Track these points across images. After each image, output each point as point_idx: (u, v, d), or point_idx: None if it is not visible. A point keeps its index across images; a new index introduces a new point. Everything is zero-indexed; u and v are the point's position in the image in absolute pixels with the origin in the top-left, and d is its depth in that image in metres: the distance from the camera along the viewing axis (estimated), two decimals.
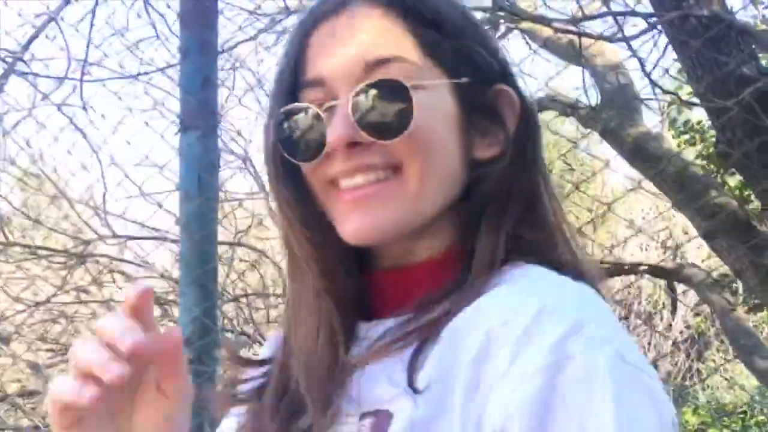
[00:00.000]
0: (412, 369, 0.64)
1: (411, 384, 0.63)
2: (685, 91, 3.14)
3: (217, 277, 1.72)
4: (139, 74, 2.05)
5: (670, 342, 6.80)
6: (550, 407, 0.55)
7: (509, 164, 0.73)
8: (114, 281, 3.46)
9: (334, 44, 0.72)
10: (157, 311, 4.23)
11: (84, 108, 2.23)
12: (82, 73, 2.13)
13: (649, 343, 6.67)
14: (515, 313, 0.61)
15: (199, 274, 1.65)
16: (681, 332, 7.00)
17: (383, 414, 0.64)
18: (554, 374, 0.56)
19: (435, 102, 0.71)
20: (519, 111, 0.75)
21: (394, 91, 0.69)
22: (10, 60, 2.56)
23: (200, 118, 1.71)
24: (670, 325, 7.05)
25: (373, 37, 0.71)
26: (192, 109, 1.71)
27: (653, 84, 2.47)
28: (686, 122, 4.23)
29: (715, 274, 3.46)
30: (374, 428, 0.64)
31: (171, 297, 3.95)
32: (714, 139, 4.03)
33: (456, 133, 0.72)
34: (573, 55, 3.00)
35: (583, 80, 2.92)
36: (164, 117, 2.53)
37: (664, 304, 7.03)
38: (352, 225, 0.70)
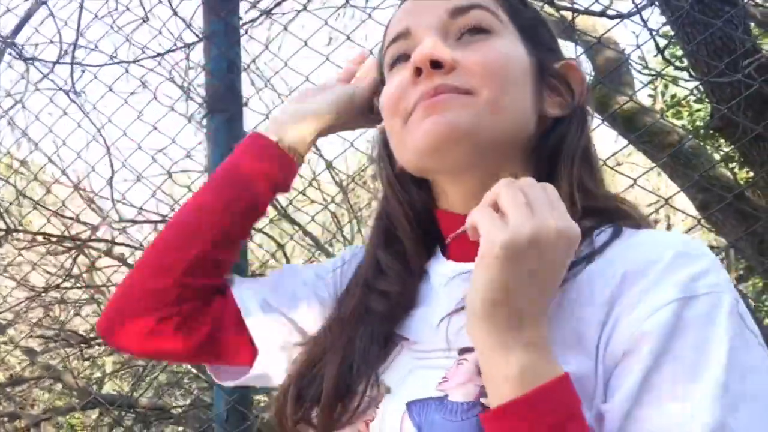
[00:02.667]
0: None
1: None
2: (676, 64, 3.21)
3: (246, 254, 1.77)
4: (161, 54, 2.06)
5: None
6: (675, 333, 0.62)
7: (575, 127, 0.79)
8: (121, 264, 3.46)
9: (418, 1, 0.80)
10: None
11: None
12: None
13: None
14: (652, 262, 0.67)
15: None
16: None
17: None
18: (682, 308, 0.63)
19: (512, 50, 0.77)
20: (583, 84, 0.83)
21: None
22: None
23: (226, 102, 1.74)
24: None
25: None
26: (218, 93, 1.74)
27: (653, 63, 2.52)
28: (673, 96, 4.32)
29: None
30: None
31: None
32: (700, 113, 4.12)
33: (529, 81, 0.78)
34: (564, 30, 3.06)
35: (576, 55, 2.99)
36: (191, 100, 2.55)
37: None
38: (426, 126, 0.74)
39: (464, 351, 0.70)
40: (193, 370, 4.28)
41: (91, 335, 4.16)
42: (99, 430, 5.38)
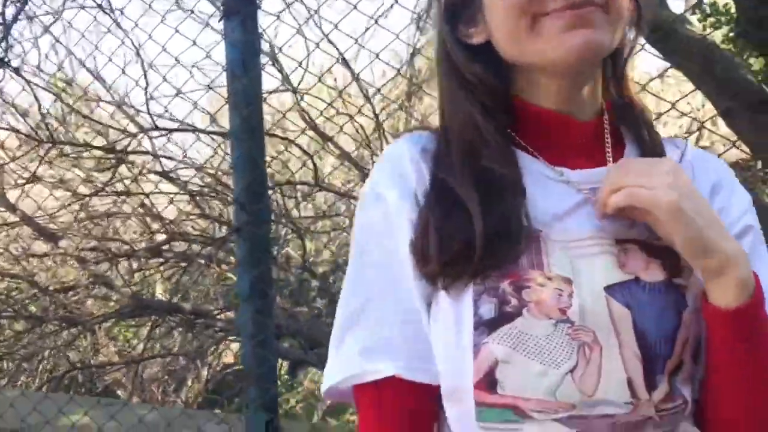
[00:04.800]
0: None
1: None
2: None
3: (264, 151, 1.87)
4: None
5: None
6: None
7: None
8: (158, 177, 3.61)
9: None
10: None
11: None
12: None
13: None
14: (723, 171, 0.89)
15: (250, 146, 1.79)
16: None
17: (662, 248, 0.79)
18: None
19: None
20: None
21: None
22: None
23: (241, 4, 1.82)
24: None
25: None
26: None
27: None
28: (712, 4, 4.21)
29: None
30: (658, 254, 0.80)
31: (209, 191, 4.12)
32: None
33: None
34: None
35: None
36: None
37: None
38: (575, 39, 0.76)
39: (621, 242, 0.80)
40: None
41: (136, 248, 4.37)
42: (151, 337, 5.69)
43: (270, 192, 2.28)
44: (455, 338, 0.78)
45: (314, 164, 3.34)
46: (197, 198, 4.35)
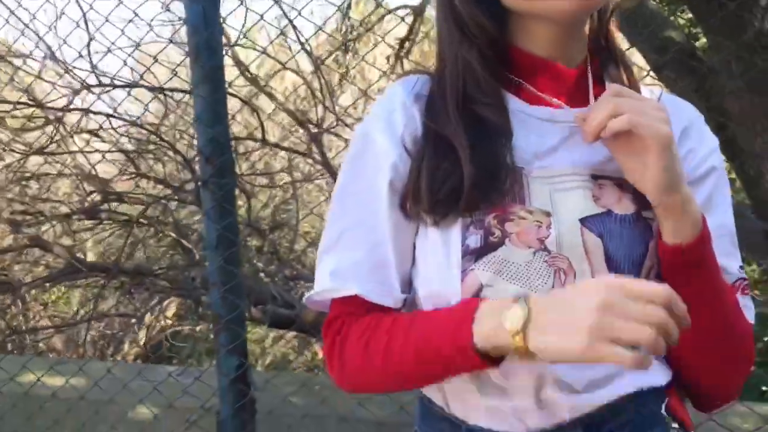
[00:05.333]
0: None
1: None
2: None
3: (227, 103, 1.90)
4: None
5: None
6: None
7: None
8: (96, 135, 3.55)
9: None
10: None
11: None
12: None
13: None
14: (694, 117, 0.96)
15: (211, 101, 1.82)
16: None
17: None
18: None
19: None
20: None
21: None
22: None
23: None
24: None
25: None
26: None
27: None
28: None
29: None
30: (630, 188, 0.86)
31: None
32: None
33: None
34: None
35: None
36: None
37: None
38: None
39: (596, 177, 0.87)
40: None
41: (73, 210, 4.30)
42: (88, 299, 5.61)
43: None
44: (445, 265, 0.85)
45: (260, 120, 3.36)
46: (133, 156, 4.30)
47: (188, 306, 6.35)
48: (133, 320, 5.82)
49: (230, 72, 3.07)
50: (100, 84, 2.87)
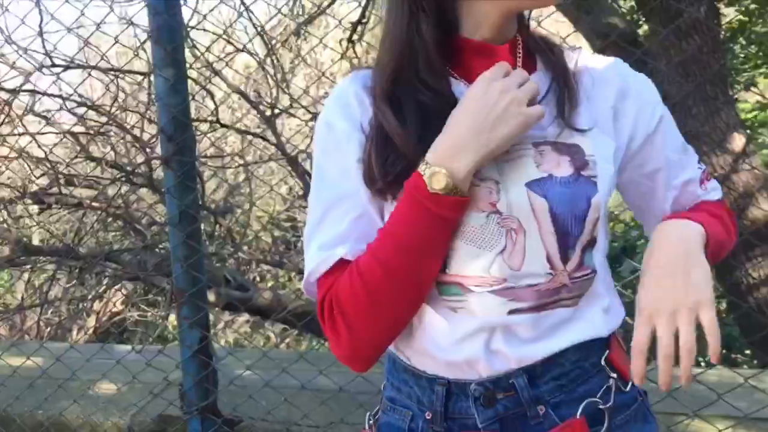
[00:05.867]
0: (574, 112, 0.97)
1: (577, 125, 0.96)
2: None
3: (187, 83, 1.94)
4: None
5: None
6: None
7: None
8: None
9: None
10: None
11: None
12: None
13: None
14: (625, 72, 1.02)
15: (174, 79, 1.86)
16: None
17: (570, 146, 0.94)
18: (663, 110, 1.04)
19: None
20: None
21: None
22: None
23: None
24: None
25: None
26: None
27: None
28: None
29: None
30: (567, 152, 0.94)
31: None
32: None
33: None
34: None
35: None
36: None
37: None
38: None
39: (536, 144, 0.94)
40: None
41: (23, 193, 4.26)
42: (32, 289, 5.54)
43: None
44: None
45: (214, 101, 3.39)
46: (86, 140, 4.27)
47: (139, 293, 6.33)
48: (83, 305, 5.77)
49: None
50: (53, 65, 2.86)
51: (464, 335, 0.94)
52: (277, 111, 3.51)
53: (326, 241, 0.96)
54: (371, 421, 1.09)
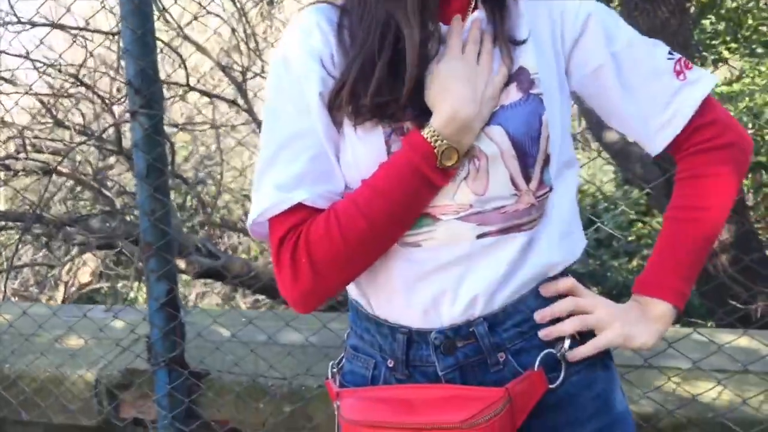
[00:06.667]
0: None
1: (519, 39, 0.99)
2: None
3: (155, 35, 1.94)
4: None
5: None
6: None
7: None
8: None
9: None
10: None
11: None
12: None
13: None
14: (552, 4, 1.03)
15: (142, 31, 1.86)
16: None
17: (515, 74, 0.97)
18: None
19: None
20: None
21: None
22: None
23: None
24: None
25: None
26: None
27: None
28: None
29: None
30: (514, 79, 0.96)
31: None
32: None
33: None
34: None
35: None
36: None
37: None
38: None
39: None
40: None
41: None
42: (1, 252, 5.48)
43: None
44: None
45: (184, 64, 3.37)
46: (51, 102, 4.22)
47: (106, 263, 6.29)
48: (51, 274, 5.73)
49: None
50: (19, 22, 2.82)
51: (433, 269, 0.97)
52: (249, 76, 3.50)
53: (283, 181, 0.96)
54: (335, 369, 1.11)
